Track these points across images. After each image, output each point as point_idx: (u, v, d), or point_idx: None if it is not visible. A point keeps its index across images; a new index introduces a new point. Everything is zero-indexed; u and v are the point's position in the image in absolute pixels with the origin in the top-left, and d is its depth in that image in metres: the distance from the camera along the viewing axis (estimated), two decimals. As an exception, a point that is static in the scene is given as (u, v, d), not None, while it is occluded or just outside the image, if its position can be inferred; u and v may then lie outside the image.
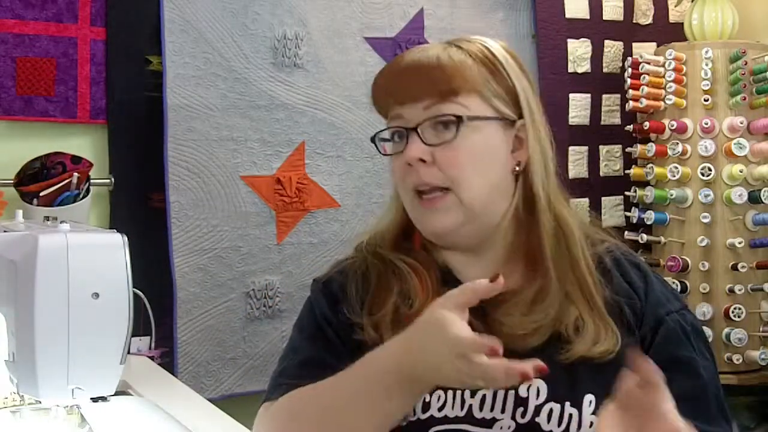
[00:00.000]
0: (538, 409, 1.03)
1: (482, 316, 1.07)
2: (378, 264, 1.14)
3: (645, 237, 2.58)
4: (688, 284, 2.53)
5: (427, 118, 1.07)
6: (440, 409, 1.05)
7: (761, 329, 2.50)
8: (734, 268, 2.48)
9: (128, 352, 1.23)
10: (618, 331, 1.06)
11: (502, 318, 1.06)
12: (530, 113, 1.11)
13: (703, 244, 2.49)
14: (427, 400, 1.05)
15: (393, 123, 1.11)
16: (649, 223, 2.60)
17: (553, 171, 1.13)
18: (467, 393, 1.05)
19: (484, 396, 1.05)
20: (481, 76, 1.09)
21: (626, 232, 2.61)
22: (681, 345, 1.10)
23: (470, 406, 1.04)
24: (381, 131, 1.13)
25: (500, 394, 1.04)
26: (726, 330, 2.46)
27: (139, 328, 2.07)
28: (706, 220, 2.49)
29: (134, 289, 1.22)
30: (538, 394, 1.04)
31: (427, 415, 1.05)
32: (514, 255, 1.12)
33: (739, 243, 2.48)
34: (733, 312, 2.46)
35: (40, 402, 1.29)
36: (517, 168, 1.11)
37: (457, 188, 1.06)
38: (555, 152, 1.15)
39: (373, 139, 1.14)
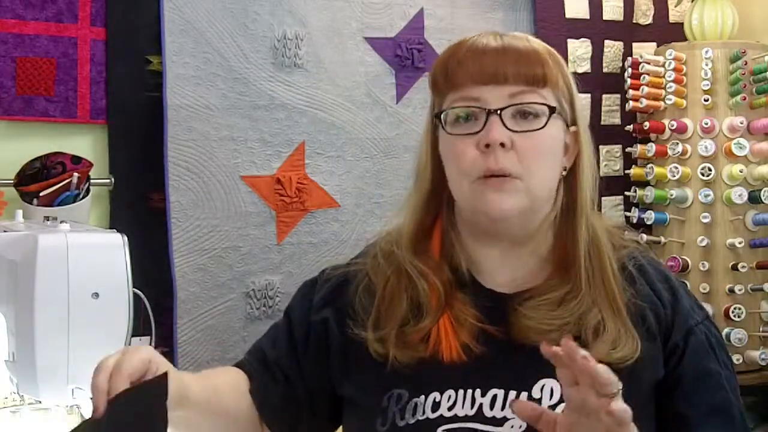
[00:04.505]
0: (550, 410, 1.03)
1: (506, 309, 1.07)
2: (389, 272, 1.12)
3: (645, 237, 2.57)
4: (688, 284, 2.52)
5: (512, 103, 1.05)
6: (450, 409, 1.04)
7: (761, 329, 2.50)
8: (734, 268, 2.48)
9: (128, 352, 1.23)
10: (638, 339, 1.06)
11: (528, 312, 1.05)
12: (583, 119, 1.12)
13: (703, 244, 2.49)
14: (438, 400, 1.05)
15: (464, 103, 1.06)
16: (649, 223, 2.60)
17: (597, 179, 1.13)
18: (478, 392, 1.04)
19: (495, 396, 1.04)
20: (556, 72, 1.08)
21: (626, 232, 2.60)
22: (709, 357, 1.10)
23: (480, 405, 1.04)
24: (452, 107, 1.08)
25: (512, 394, 1.04)
26: (726, 330, 2.45)
27: (139, 328, 2.07)
28: (706, 220, 2.49)
29: (134, 289, 1.22)
30: (551, 395, 1.03)
31: (437, 414, 1.04)
32: (544, 260, 1.12)
33: (739, 243, 2.48)
34: (733, 312, 2.45)
35: (40, 402, 1.29)
36: (564, 172, 1.11)
37: (528, 177, 1.05)
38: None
39: (438, 115, 1.09)
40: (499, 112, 1.04)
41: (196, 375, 1.11)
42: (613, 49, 2.79)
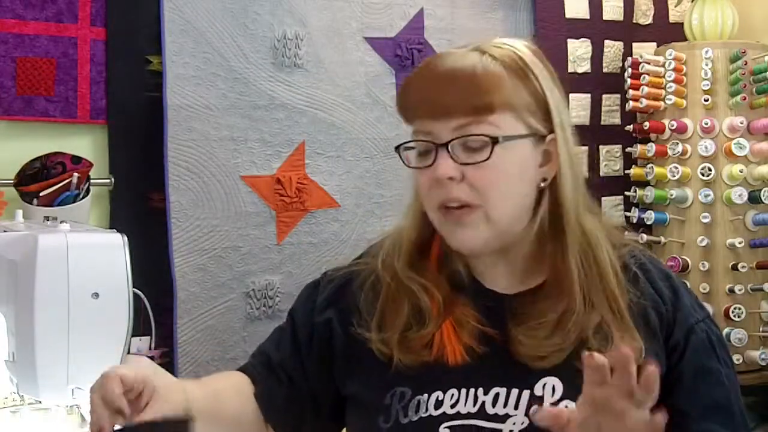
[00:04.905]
0: (553, 407, 1.03)
1: (503, 329, 1.07)
2: (390, 282, 1.13)
3: (645, 237, 2.57)
4: (688, 284, 2.52)
5: (459, 136, 1.04)
6: (453, 406, 1.05)
7: (761, 329, 2.50)
8: (734, 268, 2.48)
9: (128, 352, 1.23)
10: (640, 339, 1.06)
11: (522, 337, 1.06)
12: (561, 127, 1.08)
13: (703, 244, 2.49)
14: (441, 398, 1.06)
15: (421, 136, 1.07)
16: (649, 223, 2.60)
17: (582, 183, 1.11)
18: (480, 391, 1.05)
19: (497, 394, 1.05)
20: (514, 89, 1.05)
21: (626, 233, 2.60)
22: (709, 355, 1.11)
23: (483, 402, 1.05)
24: (407, 143, 1.09)
25: (514, 392, 1.05)
26: (726, 330, 2.45)
27: (139, 328, 2.07)
28: (706, 220, 2.49)
29: (134, 289, 1.22)
30: (553, 392, 1.04)
31: (440, 411, 1.05)
32: (537, 262, 1.12)
33: (739, 243, 2.48)
34: (733, 312, 2.45)
35: (40, 402, 1.29)
36: (543, 184, 1.09)
37: (486, 205, 1.05)
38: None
39: (397, 149, 1.10)
40: (447, 145, 1.04)
41: (198, 382, 1.12)
42: (613, 49, 2.79)
